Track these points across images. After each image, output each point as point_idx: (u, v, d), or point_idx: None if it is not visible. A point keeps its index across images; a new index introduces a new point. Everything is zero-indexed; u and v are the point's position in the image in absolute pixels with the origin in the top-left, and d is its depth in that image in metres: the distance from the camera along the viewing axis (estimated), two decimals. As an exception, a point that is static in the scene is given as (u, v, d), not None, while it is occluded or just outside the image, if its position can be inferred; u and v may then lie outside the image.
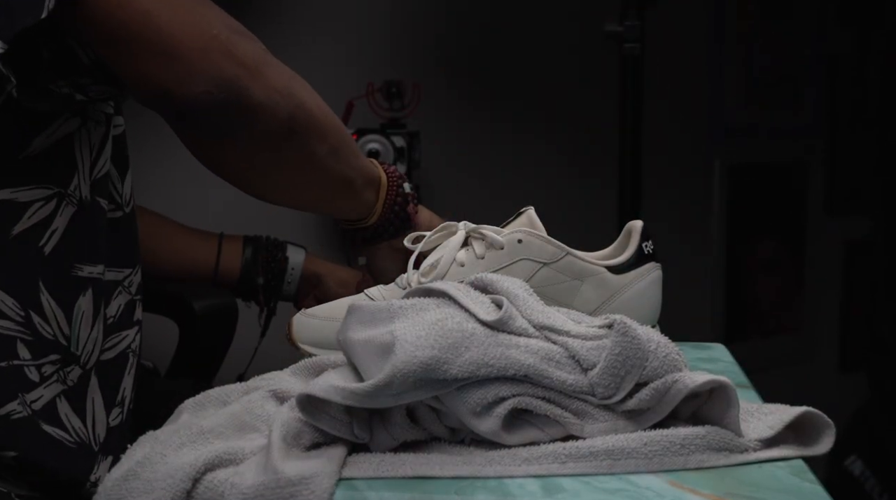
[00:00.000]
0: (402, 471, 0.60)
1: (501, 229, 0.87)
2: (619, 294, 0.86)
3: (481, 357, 0.60)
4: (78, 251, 0.82)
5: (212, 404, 0.71)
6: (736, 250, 2.48)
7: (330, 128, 0.86)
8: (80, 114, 0.82)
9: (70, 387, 0.82)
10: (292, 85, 0.82)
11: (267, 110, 0.77)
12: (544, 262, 0.84)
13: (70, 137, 0.81)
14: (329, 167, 0.87)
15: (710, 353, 0.97)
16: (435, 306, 0.63)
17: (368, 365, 0.63)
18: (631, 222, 0.89)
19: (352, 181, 0.92)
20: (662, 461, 0.60)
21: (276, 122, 0.79)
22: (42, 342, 0.80)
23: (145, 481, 0.58)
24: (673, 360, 0.62)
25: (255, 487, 0.57)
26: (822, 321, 2.62)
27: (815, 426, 0.64)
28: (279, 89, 0.79)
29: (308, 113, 0.83)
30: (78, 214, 0.82)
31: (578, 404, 0.62)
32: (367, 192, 0.94)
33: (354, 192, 0.93)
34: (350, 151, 0.90)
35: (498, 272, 0.81)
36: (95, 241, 0.84)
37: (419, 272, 0.87)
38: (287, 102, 0.79)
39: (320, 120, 0.84)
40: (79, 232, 0.82)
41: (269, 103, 0.77)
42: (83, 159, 0.82)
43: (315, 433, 0.62)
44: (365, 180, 0.94)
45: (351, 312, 0.66)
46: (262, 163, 0.83)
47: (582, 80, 2.07)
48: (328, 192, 0.91)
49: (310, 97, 0.84)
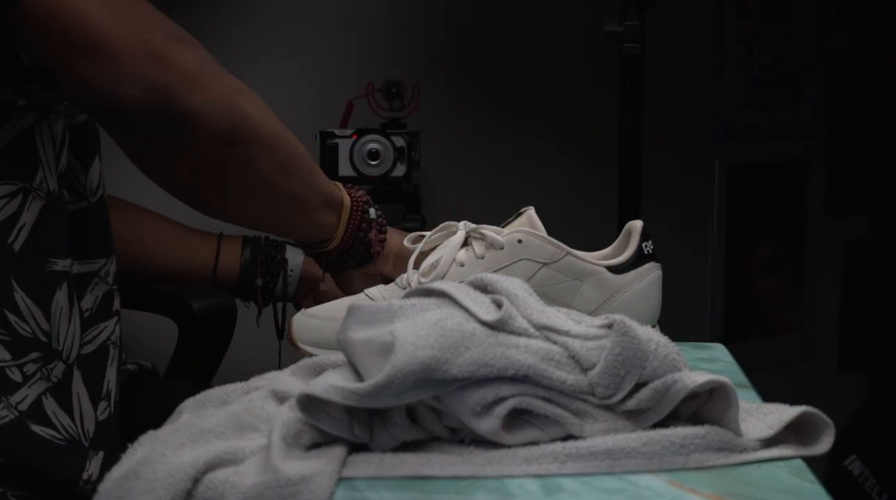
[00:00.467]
0: (403, 471, 0.60)
1: (501, 229, 0.87)
2: (619, 294, 0.87)
3: (481, 357, 0.60)
4: (49, 246, 0.82)
5: (212, 404, 0.71)
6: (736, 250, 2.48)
7: (277, 143, 0.84)
8: (37, 107, 0.81)
9: (55, 384, 0.82)
10: (235, 97, 0.80)
11: (203, 120, 0.76)
12: (544, 262, 0.85)
13: (30, 130, 0.80)
14: (274, 183, 0.84)
15: (709, 353, 0.97)
16: (435, 306, 0.63)
17: (368, 365, 0.63)
18: (631, 222, 0.90)
19: (303, 200, 0.89)
20: (662, 461, 0.60)
21: (214, 132, 0.77)
22: (21, 341, 0.79)
23: (146, 480, 0.58)
24: (673, 360, 0.62)
25: (255, 486, 0.57)
26: (822, 321, 2.61)
27: (814, 425, 0.64)
28: (219, 100, 0.77)
29: (252, 125, 0.81)
30: (46, 208, 0.81)
31: (578, 404, 0.62)
32: (324, 213, 0.92)
33: (307, 212, 0.90)
34: (304, 168, 0.88)
35: (498, 272, 0.81)
36: (62, 231, 0.84)
37: (419, 272, 0.87)
38: (227, 113, 0.78)
39: (266, 134, 0.82)
40: (49, 226, 0.82)
41: (206, 113, 0.76)
42: (46, 152, 0.82)
43: (315, 432, 0.62)
44: (321, 201, 0.91)
45: (351, 312, 0.66)
46: (200, 174, 0.81)
47: (582, 81, 2.07)
48: (276, 211, 0.88)
49: (256, 110, 0.82)
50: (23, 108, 0.80)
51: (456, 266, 0.86)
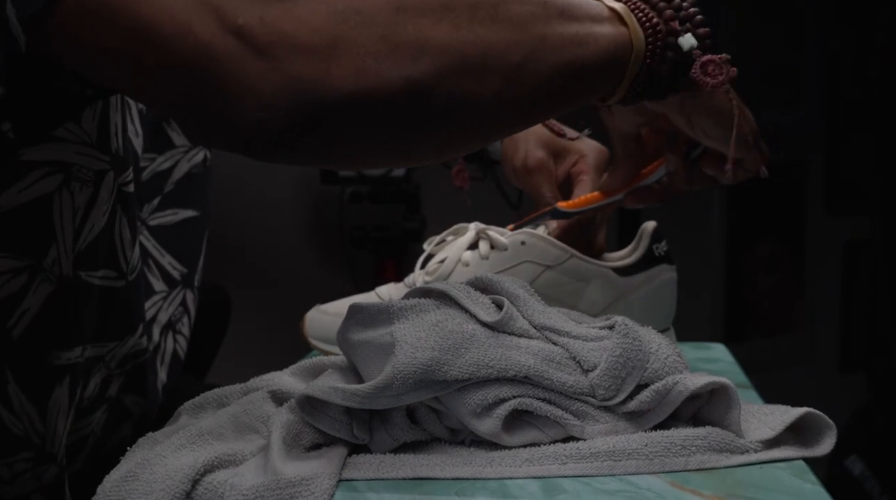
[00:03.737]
0: (403, 472, 0.60)
1: (506, 231, 0.87)
2: (627, 296, 0.85)
3: (482, 358, 0.60)
4: (55, 337, 0.70)
5: (211, 406, 0.71)
6: (736, 249, 2.48)
7: (471, 40, 0.58)
8: (62, 170, 0.67)
9: (45, 485, 0.72)
10: (359, 30, 0.55)
11: (366, 92, 0.55)
12: (548, 264, 0.84)
13: (48, 198, 0.66)
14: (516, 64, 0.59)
15: (710, 353, 0.97)
16: (435, 306, 0.63)
17: (368, 366, 0.62)
18: (644, 224, 0.89)
19: (568, 43, 0.62)
20: (663, 462, 0.59)
21: (389, 96, 0.56)
22: (11, 439, 0.69)
23: (144, 482, 0.58)
24: (674, 361, 0.62)
25: (254, 488, 0.56)
26: (822, 321, 2.62)
27: (816, 427, 0.63)
28: (362, 48, 0.55)
29: (432, 49, 0.56)
30: (56, 295, 0.68)
31: (579, 406, 0.62)
32: (604, 26, 0.64)
33: (590, 41, 0.63)
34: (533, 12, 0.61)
35: (501, 274, 0.81)
36: (77, 323, 0.71)
37: (425, 272, 0.87)
38: (386, 59, 0.55)
39: (454, 41, 0.57)
40: (57, 315, 0.69)
41: (362, 82, 0.55)
42: (63, 227, 0.68)
43: (315, 433, 0.62)
44: (588, 19, 0.64)
45: (351, 313, 0.66)
46: (424, 139, 0.60)
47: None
48: (556, 78, 0.62)
49: (407, 19, 0.57)
50: (42, 167, 0.66)
51: (461, 266, 0.85)
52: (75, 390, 0.73)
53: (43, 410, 0.70)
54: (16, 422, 0.69)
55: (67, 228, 0.68)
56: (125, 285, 0.76)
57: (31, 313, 0.68)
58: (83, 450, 0.79)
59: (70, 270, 0.69)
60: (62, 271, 0.69)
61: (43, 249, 0.67)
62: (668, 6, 0.67)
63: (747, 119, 0.74)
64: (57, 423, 0.71)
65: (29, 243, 0.67)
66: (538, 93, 0.62)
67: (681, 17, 0.67)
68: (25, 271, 0.67)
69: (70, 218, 0.68)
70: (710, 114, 0.72)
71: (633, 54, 0.65)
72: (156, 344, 0.94)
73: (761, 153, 0.75)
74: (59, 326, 0.70)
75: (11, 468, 0.70)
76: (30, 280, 0.67)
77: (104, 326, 0.76)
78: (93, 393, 0.77)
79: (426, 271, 0.86)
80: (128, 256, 0.76)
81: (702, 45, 0.67)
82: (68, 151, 0.67)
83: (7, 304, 0.67)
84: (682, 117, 0.73)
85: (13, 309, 0.67)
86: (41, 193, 0.66)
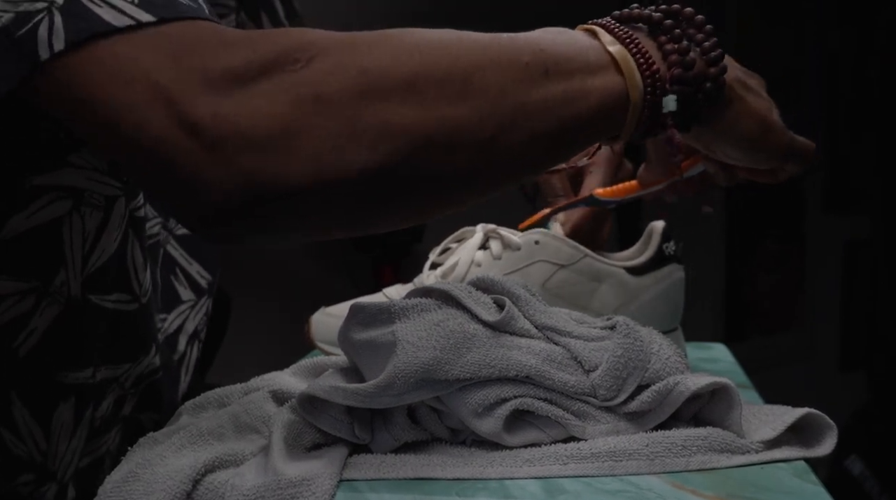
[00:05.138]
0: (404, 472, 0.60)
1: (517, 231, 0.86)
2: (639, 296, 0.85)
3: (483, 358, 0.60)
4: (62, 356, 0.69)
5: (211, 406, 0.71)
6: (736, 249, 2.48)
7: (475, 87, 0.58)
8: (73, 195, 0.67)
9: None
10: (361, 79, 0.55)
11: (325, 183, 0.54)
12: (562, 264, 0.83)
13: (58, 222, 0.67)
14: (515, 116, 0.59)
15: (710, 353, 0.97)
16: (437, 306, 0.63)
17: (370, 365, 0.62)
18: (652, 223, 0.88)
19: (571, 99, 0.61)
20: (664, 463, 0.59)
21: (349, 184, 0.54)
22: (13, 462, 0.68)
23: (145, 482, 0.58)
24: (675, 362, 0.62)
25: (255, 488, 0.56)
26: (823, 320, 2.62)
27: (817, 427, 0.63)
28: (319, 138, 0.53)
29: (394, 132, 0.55)
30: (63, 316, 0.68)
31: (580, 406, 0.62)
32: (596, 79, 0.62)
33: (579, 98, 0.61)
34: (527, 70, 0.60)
35: (514, 273, 0.80)
36: (87, 343, 0.71)
37: (437, 273, 0.86)
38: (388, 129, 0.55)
39: (419, 122, 0.56)
40: (64, 335, 0.69)
41: (320, 173, 0.54)
42: (73, 251, 0.68)
43: (316, 433, 0.62)
44: (580, 72, 0.62)
45: (352, 312, 0.66)
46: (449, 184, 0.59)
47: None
48: (561, 133, 0.61)
49: (414, 62, 0.59)
50: (51, 192, 0.66)
51: (473, 267, 0.85)
52: (83, 410, 0.72)
53: (47, 428, 0.70)
54: (19, 445, 0.69)
55: (77, 252, 0.68)
56: (139, 308, 0.76)
57: (39, 332, 0.68)
58: (101, 471, 0.78)
59: (79, 291, 0.69)
60: (70, 292, 0.69)
61: (51, 272, 0.67)
62: (674, 50, 0.63)
63: (773, 132, 0.71)
64: (59, 441, 0.71)
65: (37, 267, 0.67)
66: (517, 161, 0.60)
67: (686, 61, 0.63)
68: (32, 294, 0.67)
69: (80, 242, 0.68)
70: (726, 141, 0.69)
71: (630, 105, 0.62)
72: (181, 354, 0.93)
73: (804, 154, 0.73)
74: (67, 346, 0.69)
75: (14, 491, 0.69)
76: (37, 302, 0.67)
77: (118, 347, 0.75)
78: (106, 413, 0.76)
79: (439, 275, 0.86)
80: (140, 279, 0.75)
81: (680, 115, 0.64)
82: (80, 176, 0.67)
83: (13, 325, 0.67)
84: (701, 144, 0.71)
85: (19, 330, 0.67)
86: (51, 217, 0.66)
